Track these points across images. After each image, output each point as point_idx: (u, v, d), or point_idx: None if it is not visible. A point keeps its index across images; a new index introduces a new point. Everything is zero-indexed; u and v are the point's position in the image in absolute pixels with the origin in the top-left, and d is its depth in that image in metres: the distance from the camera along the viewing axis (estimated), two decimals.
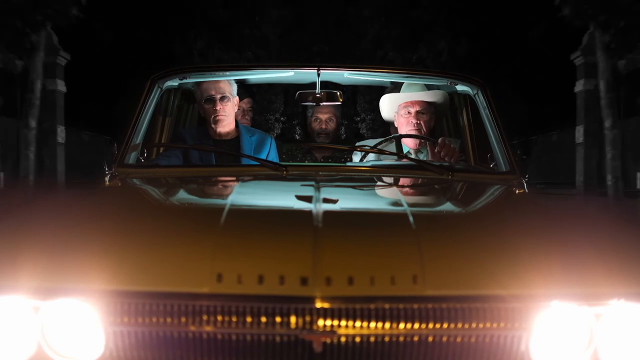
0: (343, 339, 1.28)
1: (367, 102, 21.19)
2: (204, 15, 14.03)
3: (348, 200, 1.94)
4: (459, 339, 1.30)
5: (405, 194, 2.24)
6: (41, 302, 1.31)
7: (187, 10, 13.84)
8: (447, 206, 2.02)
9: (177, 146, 2.89)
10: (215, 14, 14.00)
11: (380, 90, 3.59)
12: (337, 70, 2.92)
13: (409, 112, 2.95)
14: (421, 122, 2.94)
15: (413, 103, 2.95)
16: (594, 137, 12.09)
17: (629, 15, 9.55)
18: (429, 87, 3.05)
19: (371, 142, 2.93)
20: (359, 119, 22.49)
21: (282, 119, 22.41)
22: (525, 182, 2.45)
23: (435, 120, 3.09)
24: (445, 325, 1.29)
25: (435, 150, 2.67)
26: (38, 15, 9.78)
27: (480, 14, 13.80)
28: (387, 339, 1.28)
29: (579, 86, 12.33)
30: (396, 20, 16.45)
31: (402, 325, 1.28)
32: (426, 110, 2.96)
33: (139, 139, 2.58)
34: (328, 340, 1.27)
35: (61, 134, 12.25)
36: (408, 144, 2.96)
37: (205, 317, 1.28)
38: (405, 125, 2.95)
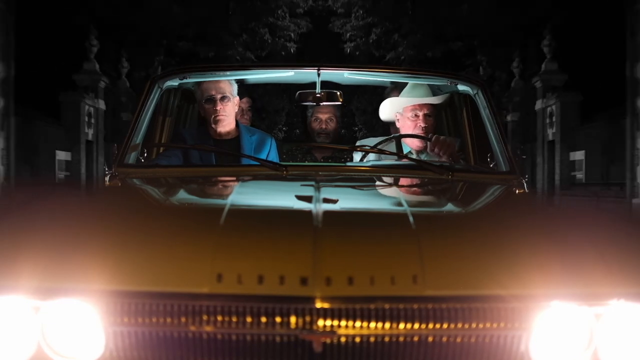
0: (343, 339, 1.28)
1: (362, 123, 23.32)
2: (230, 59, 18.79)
3: (348, 200, 1.94)
4: (459, 339, 1.30)
5: (406, 194, 2.24)
6: (41, 302, 1.31)
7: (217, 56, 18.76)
8: (447, 206, 2.02)
9: (177, 146, 2.89)
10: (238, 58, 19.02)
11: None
12: (337, 70, 2.92)
13: (416, 115, 2.94)
14: (428, 125, 2.94)
15: (421, 106, 2.94)
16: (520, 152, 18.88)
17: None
18: (431, 88, 3.04)
19: (371, 142, 2.93)
20: (356, 128, 24.33)
21: (284, 128, 24.88)
22: (525, 182, 2.45)
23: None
24: (445, 326, 1.29)
25: (433, 147, 2.67)
26: None
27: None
28: (387, 339, 1.28)
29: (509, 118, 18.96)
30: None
31: (402, 326, 1.28)
32: (432, 113, 2.97)
33: (139, 139, 2.58)
34: (328, 341, 1.27)
35: None
36: (410, 144, 2.96)
37: (205, 317, 1.28)
38: (412, 129, 2.94)
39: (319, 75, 2.69)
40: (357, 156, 2.94)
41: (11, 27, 12.95)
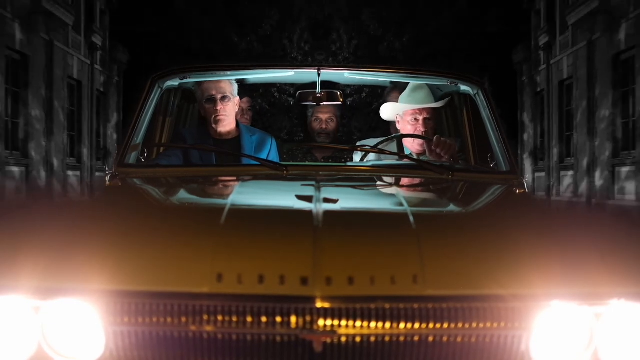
0: (343, 339, 1.28)
1: (359, 138, 25.15)
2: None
3: (348, 200, 1.94)
4: (459, 339, 1.30)
5: (406, 193, 2.24)
6: (41, 302, 1.31)
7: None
8: (448, 206, 2.02)
9: (177, 146, 2.88)
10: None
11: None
12: (337, 70, 2.92)
13: (416, 120, 2.93)
14: (428, 129, 2.94)
15: (421, 110, 2.94)
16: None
17: None
18: (431, 88, 3.04)
19: (371, 142, 2.92)
20: (355, 137, 26.28)
21: (285, 137, 27.70)
22: (526, 182, 2.44)
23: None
24: (445, 325, 1.29)
25: (432, 148, 2.67)
26: None
27: None
28: (387, 338, 1.28)
29: None
30: None
31: (402, 325, 1.28)
32: (432, 116, 2.96)
33: (139, 139, 2.58)
34: (328, 340, 1.27)
35: None
36: (411, 148, 2.95)
37: (205, 317, 1.28)
38: (412, 132, 2.93)
39: (319, 75, 2.69)
40: (357, 156, 2.94)
41: (121, 89, 19.10)
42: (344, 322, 1.27)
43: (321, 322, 1.26)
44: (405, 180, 2.43)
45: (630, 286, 1.35)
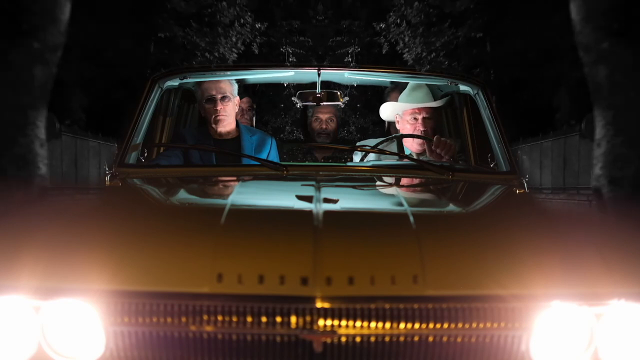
0: (343, 339, 1.28)
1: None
2: None
3: (348, 200, 1.93)
4: (459, 339, 1.30)
5: (406, 193, 2.23)
6: (41, 302, 1.31)
7: None
8: (448, 206, 2.02)
9: (177, 146, 2.88)
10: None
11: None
12: (337, 70, 2.92)
13: (415, 119, 2.92)
14: (427, 128, 2.93)
15: (420, 109, 2.93)
16: None
17: None
18: (431, 88, 3.03)
19: (372, 142, 2.92)
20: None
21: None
22: (526, 182, 2.44)
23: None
24: (445, 325, 1.29)
25: (432, 148, 2.67)
26: None
27: None
28: (387, 338, 1.28)
29: None
30: None
31: (402, 325, 1.28)
32: (432, 116, 2.95)
33: (139, 139, 2.58)
34: (328, 340, 1.27)
35: None
36: (410, 147, 2.95)
37: (205, 317, 1.28)
38: (411, 132, 2.92)
39: (319, 75, 2.69)
40: (357, 156, 2.94)
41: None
42: (344, 322, 1.27)
43: (321, 322, 1.26)
44: (405, 180, 2.43)
45: (630, 286, 1.35)
